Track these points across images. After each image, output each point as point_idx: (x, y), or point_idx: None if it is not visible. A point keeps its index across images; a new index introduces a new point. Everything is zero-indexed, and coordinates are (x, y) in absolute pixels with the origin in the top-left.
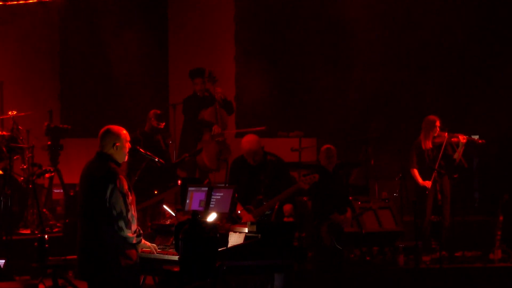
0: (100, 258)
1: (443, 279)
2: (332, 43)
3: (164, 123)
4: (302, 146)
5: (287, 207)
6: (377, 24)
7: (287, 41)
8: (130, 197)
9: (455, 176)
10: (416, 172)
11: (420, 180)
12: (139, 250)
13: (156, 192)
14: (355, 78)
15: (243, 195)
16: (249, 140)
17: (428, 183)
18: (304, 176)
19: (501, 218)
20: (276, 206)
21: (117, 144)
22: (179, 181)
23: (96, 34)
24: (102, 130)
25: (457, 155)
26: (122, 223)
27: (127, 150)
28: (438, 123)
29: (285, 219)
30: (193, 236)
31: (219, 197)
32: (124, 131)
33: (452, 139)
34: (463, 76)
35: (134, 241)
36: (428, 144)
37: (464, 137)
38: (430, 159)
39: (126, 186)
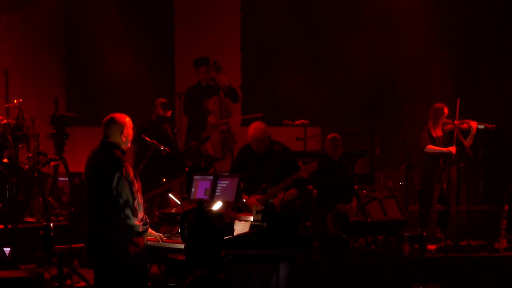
0: (109, 247)
1: (448, 268)
2: (339, 31)
3: (170, 112)
4: (307, 135)
5: (290, 191)
6: (383, 13)
7: (292, 31)
8: (136, 185)
9: (462, 165)
10: (432, 146)
11: (442, 149)
12: (145, 238)
13: (164, 181)
14: (361, 67)
15: (248, 183)
16: (255, 128)
17: (453, 148)
18: (304, 164)
19: (506, 207)
20: (281, 196)
21: (123, 132)
22: (187, 169)
23: (103, 23)
24: (106, 118)
25: (468, 142)
26: (128, 211)
27: (132, 137)
28: (446, 111)
29: (286, 201)
30: (199, 225)
31: (224, 185)
32: (128, 118)
33: (462, 126)
34: (468, 65)
35: (141, 230)
36: (438, 132)
37: (474, 122)
38: (441, 147)
39: (132, 174)
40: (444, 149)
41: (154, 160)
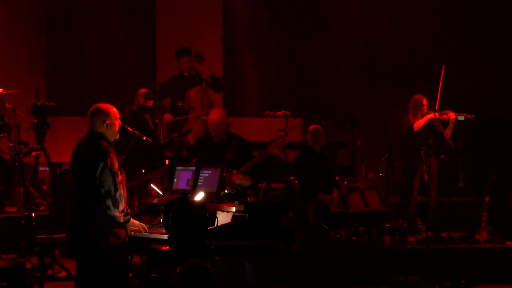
0: (89, 237)
1: (429, 260)
2: (319, 23)
3: (152, 101)
4: (288, 126)
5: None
6: (365, 3)
7: (274, 21)
8: (120, 177)
9: (442, 156)
10: (418, 121)
11: (424, 118)
12: (128, 229)
13: (143, 172)
14: (341, 58)
15: None
16: (215, 112)
17: (452, 114)
18: (272, 141)
19: (487, 199)
20: (263, 186)
21: (107, 121)
22: (167, 161)
23: (84, 12)
24: (92, 108)
25: (447, 133)
26: (109, 202)
27: (118, 128)
28: (425, 102)
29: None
30: (183, 215)
31: (206, 176)
32: (114, 109)
33: (442, 117)
34: (448, 56)
35: (122, 220)
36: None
37: (453, 114)
38: (421, 138)
39: (116, 165)
40: (431, 115)
41: (134, 150)
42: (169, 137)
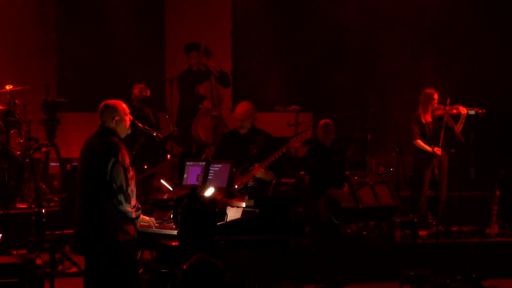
0: (98, 233)
1: (440, 254)
2: (329, 17)
3: (148, 91)
4: (299, 121)
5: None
6: None
7: (283, 16)
8: (131, 172)
9: (453, 150)
10: (420, 142)
11: (428, 147)
12: (138, 224)
13: (145, 167)
14: (352, 53)
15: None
16: (242, 104)
17: (438, 150)
18: (294, 136)
19: (497, 193)
20: (274, 181)
21: (116, 118)
22: (169, 156)
23: (93, 8)
24: (101, 105)
25: (458, 127)
26: (121, 197)
27: (128, 123)
28: (436, 96)
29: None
30: (192, 210)
31: (217, 171)
32: (123, 105)
33: (452, 111)
34: (459, 49)
35: (134, 216)
36: (428, 118)
37: (464, 108)
38: (431, 133)
39: (127, 161)
40: (429, 149)
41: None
42: (170, 132)
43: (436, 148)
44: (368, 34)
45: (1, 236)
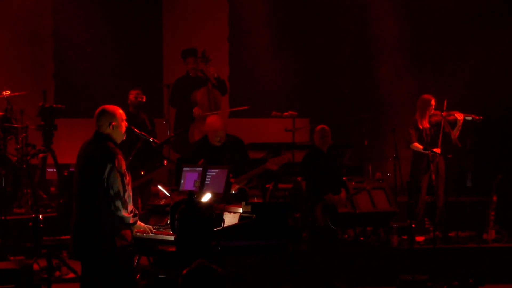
0: (95, 239)
1: (437, 259)
2: (326, 22)
3: (144, 97)
4: (296, 127)
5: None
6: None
7: (280, 21)
8: (128, 178)
9: (450, 156)
10: (418, 145)
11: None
12: (134, 231)
13: (142, 173)
14: (348, 58)
15: None
16: (214, 121)
17: (437, 149)
18: (272, 157)
19: (494, 198)
20: (271, 187)
21: (113, 123)
22: (165, 161)
23: (90, 15)
24: (98, 110)
25: (455, 133)
26: (119, 203)
27: (124, 129)
28: (433, 102)
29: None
30: (190, 216)
31: (213, 177)
32: (120, 111)
33: (449, 117)
34: (457, 55)
35: (131, 221)
36: (425, 123)
37: (461, 114)
38: (428, 139)
39: (124, 166)
40: (427, 152)
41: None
42: (166, 137)
43: (436, 149)
44: (365, 39)
45: None
